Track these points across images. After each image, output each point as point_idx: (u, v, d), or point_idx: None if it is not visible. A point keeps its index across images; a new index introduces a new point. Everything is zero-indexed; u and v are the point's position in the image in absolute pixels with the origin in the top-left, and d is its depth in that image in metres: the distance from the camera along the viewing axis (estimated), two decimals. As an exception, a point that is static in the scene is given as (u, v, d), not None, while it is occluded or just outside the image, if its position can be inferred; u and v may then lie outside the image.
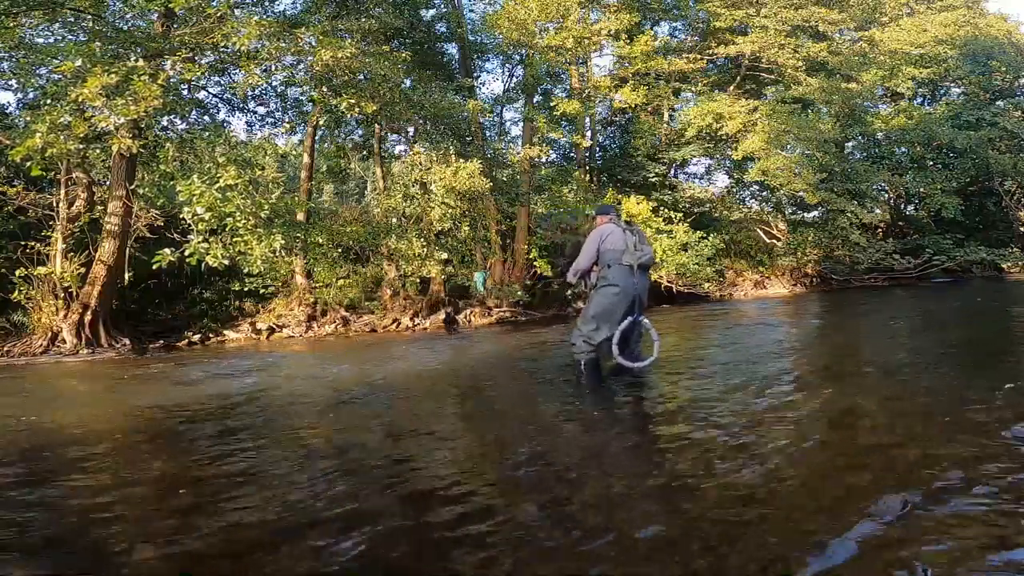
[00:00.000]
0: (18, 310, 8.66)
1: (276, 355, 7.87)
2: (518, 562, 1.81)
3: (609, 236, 4.49)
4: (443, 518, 2.14)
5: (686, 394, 4.02)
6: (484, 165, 10.39)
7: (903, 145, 17.26)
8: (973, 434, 2.73)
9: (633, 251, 4.41)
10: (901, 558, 1.68)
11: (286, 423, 3.90)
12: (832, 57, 14.68)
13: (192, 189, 7.16)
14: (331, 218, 11.75)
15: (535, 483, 2.49)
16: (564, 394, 4.27)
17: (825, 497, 2.16)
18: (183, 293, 10.86)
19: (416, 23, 12.33)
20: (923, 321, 8.34)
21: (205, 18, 7.90)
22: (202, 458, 3.09)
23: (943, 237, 17.08)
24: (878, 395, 3.74)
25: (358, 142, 14.12)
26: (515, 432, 3.37)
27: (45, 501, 2.52)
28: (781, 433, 2.96)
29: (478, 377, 5.57)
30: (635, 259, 4.39)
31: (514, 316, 11.26)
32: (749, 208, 18.33)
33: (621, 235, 4.47)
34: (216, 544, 2.03)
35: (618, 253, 4.41)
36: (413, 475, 2.66)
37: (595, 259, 4.53)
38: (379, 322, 10.40)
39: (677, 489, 2.31)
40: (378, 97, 8.83)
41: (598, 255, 4.50)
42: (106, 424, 4.06)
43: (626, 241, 4.44)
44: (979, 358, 5.08)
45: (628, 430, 3.27)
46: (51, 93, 7.18)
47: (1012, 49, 18.37)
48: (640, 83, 13.91)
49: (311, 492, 2.49)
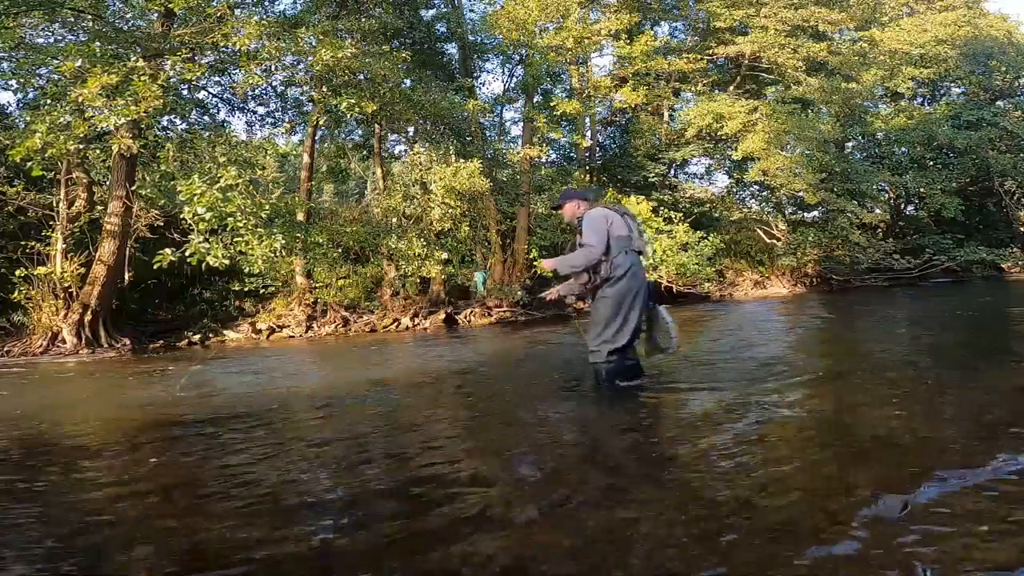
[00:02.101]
0: (18, 310, 8.67)
1: (276, 355, 7.87)
2: (518, 562, 1.81)
3: (614, 222, 3.94)
4: (443, 518, 2.14)
5: (685, 393, 4.02)
6: (484, 165, 10.40)
7: (903, 145, 17.26)
8: (974, 433, 2.73)
9: (639, 237, 4.03)
10: (901, 558, 1.68)
11: (286, 423, 3.90)
12: (832, 57, 14.68)
13: (193, 189, 7.17)
14: (331, 218, 11.75)
15: (535, 483, 2.49)
16: (564, 394, 4.27)
17: (824, 497, 2.16)
18: (183, 293, 10.87)
19: (416, 23, 12.34)
20: (923, 321, 8.34)
21: (205, 18, 7.91)
22: (201, 457, 3.09)
23: (943, 237, 17.08)
24: (878, 394, 3.74)
25: (358, 142, 14.14)
26: (515, 432, 3.37)
27: (44, 501, 2.52)
28: (780, 432, 2.97)
29: (478, 377, 5.57)
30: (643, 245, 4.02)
31: (514, 316, 11.26)
32: (749, 208, 18.33)
33: (621, 219, 3.99)
34: (216, 543, 2.03)
35: (625, 240, 3.92)
36: (413, 475, 2.66)
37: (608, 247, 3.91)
38: (379, 322, 10.41)
39: (677, 489, 2.32)
40: (378, 97, 8.84)
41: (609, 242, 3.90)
42: (105, 423, 4.07)
43: (628, 226, 4.00)
44: (980, 358, 5.07)
45: (626, 430, 3.27)
46: (51, 93, 7.19)
47: (1012, 49, 18.39)
48: (640, 83, 13.92)
49: (311, 492, 2.49)
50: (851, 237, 15.68)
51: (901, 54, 16.13)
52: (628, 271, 3.86)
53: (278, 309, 10.66)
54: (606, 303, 3.89)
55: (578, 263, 3.93)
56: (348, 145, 14.27)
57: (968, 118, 17.00)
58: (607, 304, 3.89)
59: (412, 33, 12.31)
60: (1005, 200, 18.52)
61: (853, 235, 15.69)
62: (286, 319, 10.37)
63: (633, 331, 3.92)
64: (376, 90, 8.84)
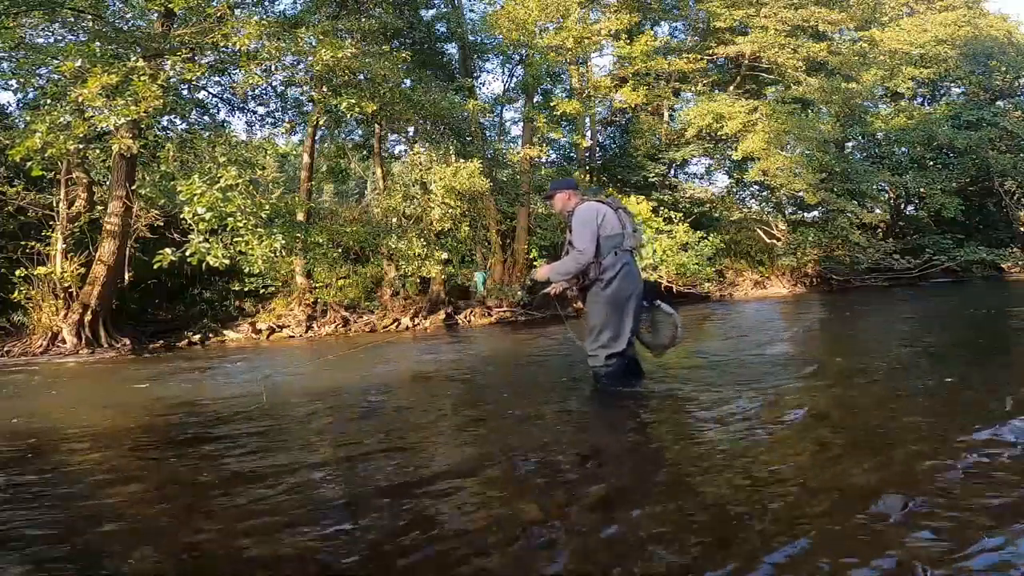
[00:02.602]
0: (18, 310, 8.67)
1: (276, 355, 7.87)
2: (518, 562, 1.81)
3: (604, 219, 3.71)
4: (443, 518, 2.14)
5: (684, 393, 4.01)
6: (484, 165, 10.40)
7: (903, 145, 17.27)
8: (974, 433, 2.73)
9: (633, 233, 3.78)
10: (901, 558, 1.68)
11: (286, 422, 3.90)
12: (832, 57, 14.69)
13: (193, 189, 7.17)
14: (331, 218, 11.76)
15: (534, 483, 2.49)
16: (565, 394, 4.27)
17: (824, 496, 2.16)
18: (183, 293, 10.87)
19: (416, 23, 12.35)
20: (923, 321, 8.34)
21: (205, 18, 7.91)
22: (201, 457, 3.09)
23: (943, 237, 17.09)
24: (878, 394, 3.74)
25: (358, 142, 14.14)
26: (515, 432, 3.37)
27: (44, 500, 2.52)
28: (780, 432, 2.96)
29: (478, 377, 5.57)
30: (636, 242, 3.80)
31: (514, 316, 11.26)
32: (749, 208, 18.34)
33: (614, 215, 3.75)
34: (215, 543, 2.03)
35: (619, 238, 3.70)
36: (413, 474, 2.66)
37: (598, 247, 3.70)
38: (379, 322, 10.41)
39: (676, 489, 2.31)
40: (378, 97, 8.84)
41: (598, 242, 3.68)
42: (105, 423, 4.07)
43: (621, 221, 3.77)
44: (980, 357, 5.07)
45: (626, 429, 3.27)
46: (51, 93, 7.19)
47: (1012, 49, 18.40)
48: (640, 83, 13.93)
49: (311, 492, 2.49)
50: (851, 237, 15.69)
51: (901, 54, 16.14)
52: (619, 272, 3.68)
53: (278, 309, 10.66)
54: (600, 307, 3.74)
55: (570, 270, 3.76)
56: (348, 145, 14.28)
57: (968, 118, 17.00)
58: (601, 308, 3.73)
59: (412, 33, 12.32)
60: (1005, 200, 18.52)
61: (853, 235, 15.70)
62: (286, 319, 10.37)
63: (631, 333, 3.80)
64: (376, 90, 8.84)
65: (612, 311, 3.72)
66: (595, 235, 3.67)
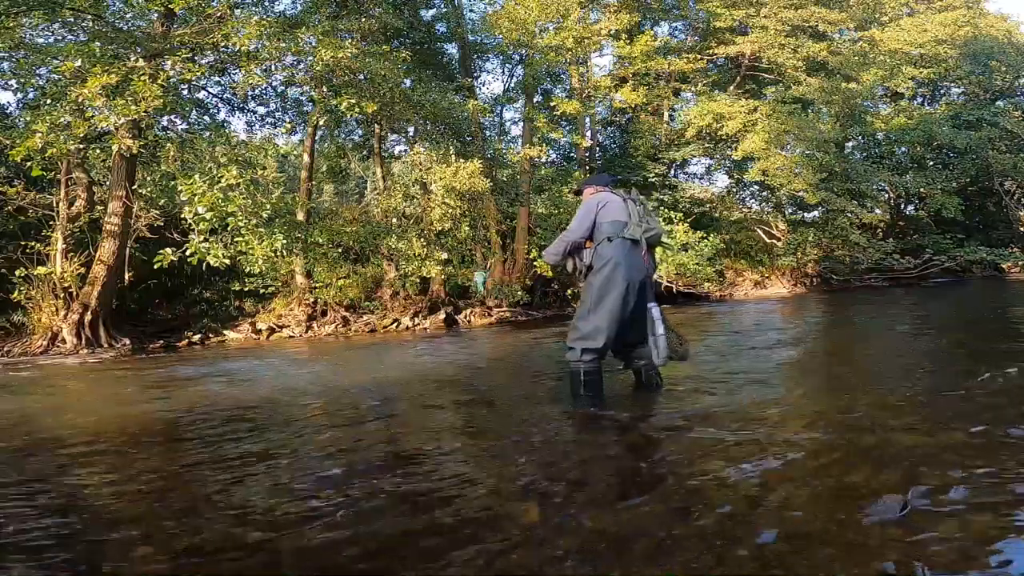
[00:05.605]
0: (18, 310, 8.67)
1: (276, 355, 7.87)
2: (519, 563, 1.81)
3: (607, 205, 3.62)
4: (443, 518, 2.14)
5: (684, 394, 4.01)
6: (484, 165, 10.39)
7: (903, 145, 17.27)
8: (974, 433, 2.73)
9: (639, 223, 3.58)
10: (901, 558, 1.68)
11: (286, 423, 3.90)
12: (832, 57, 14.69)
13: (194, 188, 7.17)
14: (331, 218, 11.75)
15: (535, 483, 2.49)
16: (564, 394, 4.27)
17: (824, 497, 2.16)
18: (183, 293, 10.86)
19: (416, 23, 12.35)
20: (923, 321, 8.34)
21: (205, 18, 7.91)
22: (201, 457, 3.09)
23: (943, 237, 17.09)
24: (878, 394, 3.74)
25: (358, 142, 14.13)
26: (514, 432, 3.37)
27: (44, 500, 2.52)
28: (779, 432, 2.97)
29: (478, 377, 5.57)
30: (641, 233, 3.56)
31: (514, 316, 11.26)
32: (749, 208, 18.35)
33: (621, 204, 3.63)
34: (214, 542, 2.03)
35: (619, 225, 3.56)
36: (412, 474, 2.66)
37: (589, 232, 3.61)
38: (379, 322, 10.41)
39: (675, 490, 2.32)
40: (378, 97, 8.84)
41: (593, 228, 3.60)
42: (105, 423, 4.06)
43: (628, 211, 3.61)
44: (980, 357, 5.07)
45: (626, 431, 3.27)
46: (51, 93, 7.19)
47: (1012, 49, 18.39)
48: (640, 83, 13.93)
49: (310, 492, 2.49)
50: (851, 237, 15.69)
51: (901, 54, 16.13)
52: (611, 260, 3.50)
53: (278, 309, 10.66)
54: (587, 294, 3.59)
55: (557, 250, 3.70)
56: (348, 145, 14.26)
57: (968, 118, 17.00)
58: (586, 294, 3.59)
59: (412, 33, 12.31)
60: (1005, 200, 18.53)
61: (853, 235, 15.71)
62: (286, 319, 10.37)
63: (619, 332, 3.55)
64: (376, 90, 8.84)
65: (596, 300, 3.53)
66: (590, 220, 3.61)
